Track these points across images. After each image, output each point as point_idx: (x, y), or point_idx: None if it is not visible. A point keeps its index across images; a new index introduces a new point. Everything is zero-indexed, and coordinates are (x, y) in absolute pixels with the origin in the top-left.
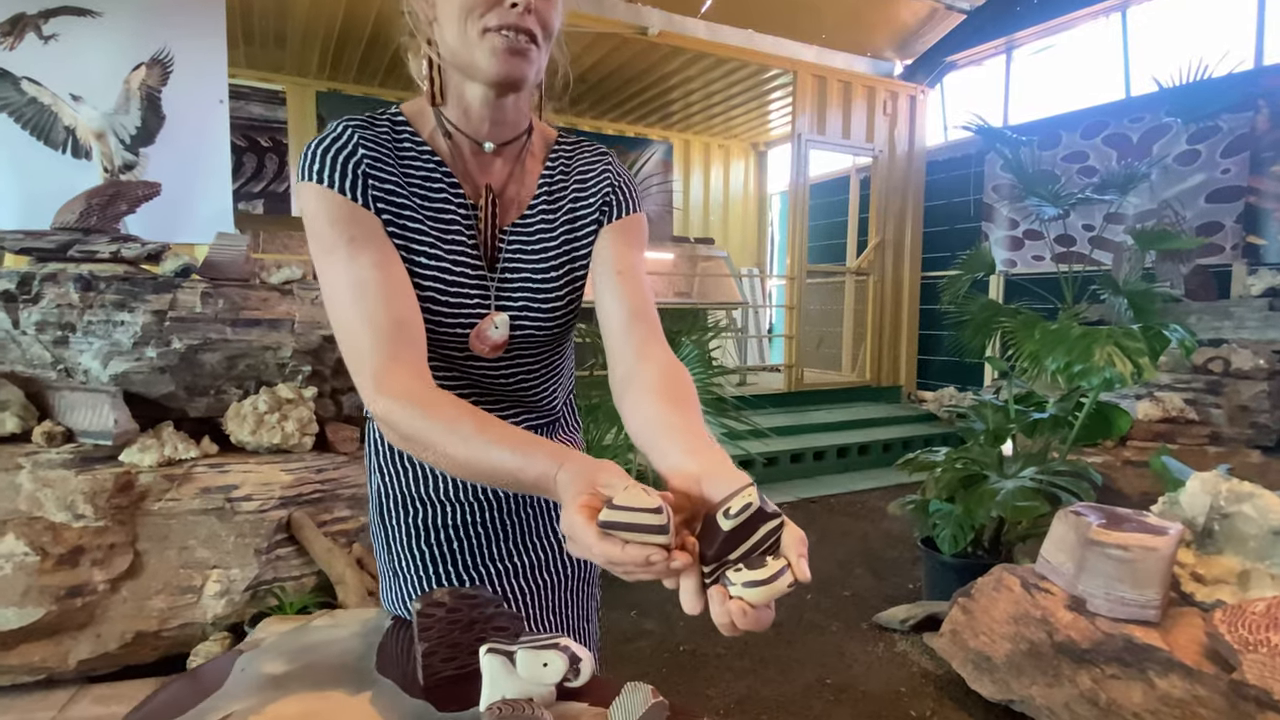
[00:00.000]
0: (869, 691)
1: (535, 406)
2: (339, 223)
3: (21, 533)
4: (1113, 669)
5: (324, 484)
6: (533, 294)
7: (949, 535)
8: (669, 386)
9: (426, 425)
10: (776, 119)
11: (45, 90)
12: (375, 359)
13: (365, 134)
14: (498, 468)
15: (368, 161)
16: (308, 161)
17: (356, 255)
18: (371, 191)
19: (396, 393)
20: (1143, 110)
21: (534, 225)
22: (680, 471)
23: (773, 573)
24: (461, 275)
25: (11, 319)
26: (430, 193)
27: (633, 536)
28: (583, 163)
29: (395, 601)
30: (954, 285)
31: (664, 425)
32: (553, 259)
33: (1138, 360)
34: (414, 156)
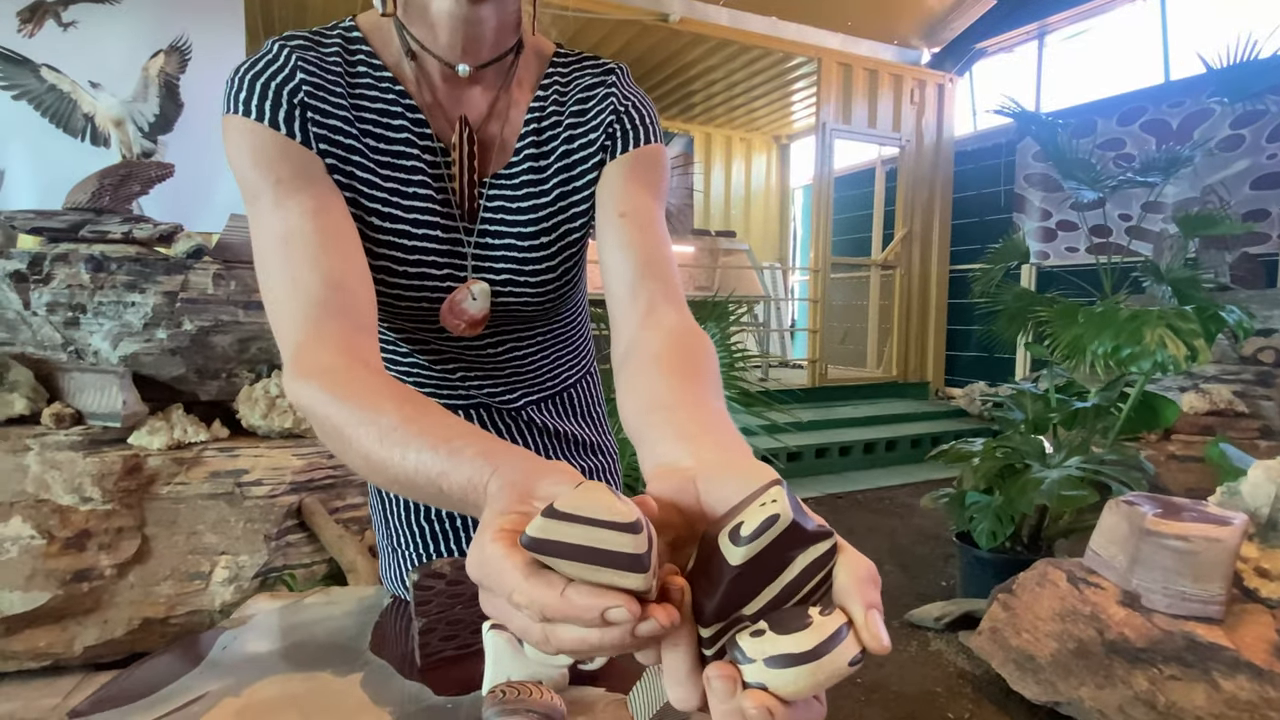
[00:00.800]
0: (902, 692)
1: (536, 381)
2: (267, 161)
3: (28, 515)
4: (1172, 669)
5: (336, 470)
6: (519, 263)
7: (987, 528)
8: (678, 356)
9: (335, 412)
10: (800, 110)
11: (64, 78)
12: (297, 333)
13: (307, 55)
14: (416, 473)
15: (307, 89)
16: (233, 89)
17: (284, 201)
18: (312, 127)
19: (312, 373)
20: (1183, 94)
21: (519, 173)
22: (667, 466)
23: (821, 638)
24: (425, 238)
25: (22, 299)
26: (389, 131)
27: (583, 571)
28: (581, 86)
29: (394, 580)
30: (986, 276)
31: (664, 404)
32: (544, 216)
33: (1192, 342)
34: (370, 84)
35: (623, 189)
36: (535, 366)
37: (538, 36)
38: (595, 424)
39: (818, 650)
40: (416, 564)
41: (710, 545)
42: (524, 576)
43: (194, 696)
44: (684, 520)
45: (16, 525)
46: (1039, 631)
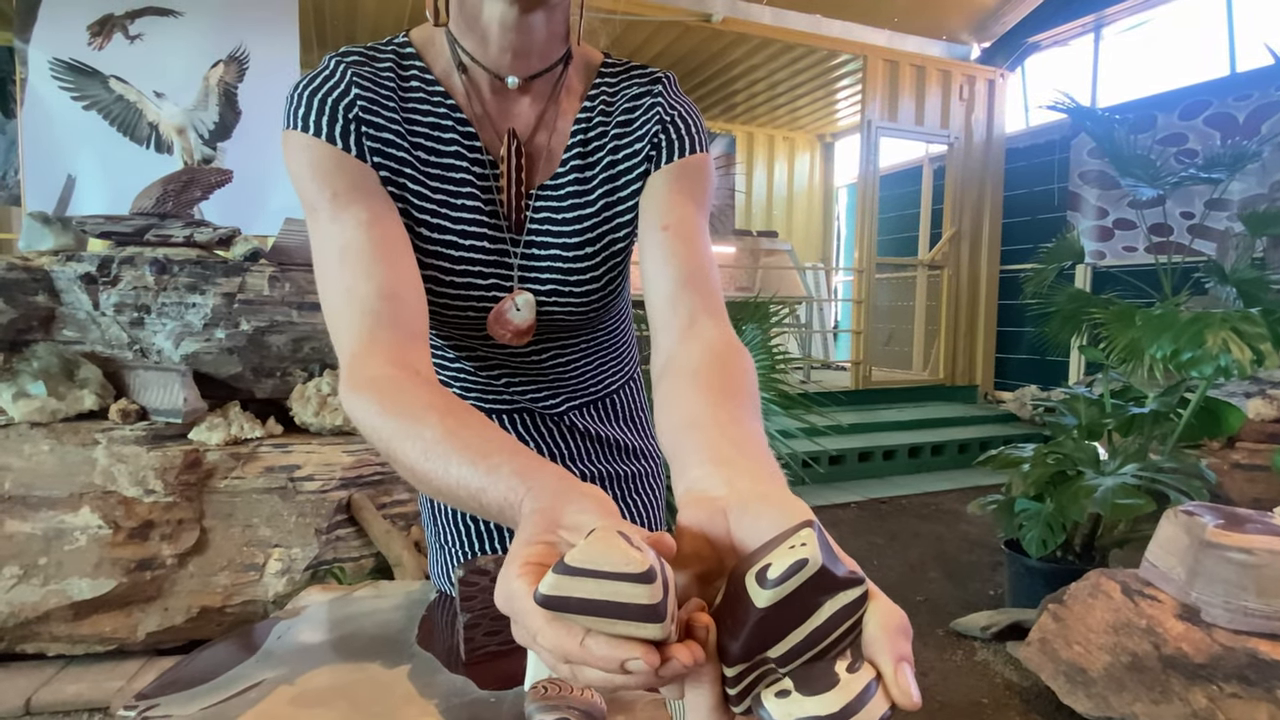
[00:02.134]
0: (947, 702)
1: (580, 387)
2: (323, 175)
3: (96, 506)
4: (1233, 687)
5: (384, 467)
6: (564, 273)
7: (1037, 536)
8: (716, 372)
9: (384, 425)
10: (844, 108)
11: (131, 88)
12: (352, 344)
13: (362, 71)
14: (458, 486)
15: (362, 104)
16: (292, 105)
17: (340, 214)
18: (366, 141)
19: (363, 384)
20: (1251, 87)
21: (565, 184)
22: (699, 495)
23: (848, 699)
24: (472, 249)
25: (92, 300)
26: (440, 145)
27: (599, 624)
28: (629, 97)
29: (441, 575)
30: (1038, 276)
31: (700, 424)
32: (589, 227)
33: (1258, 346)
34: (422, 99)
35: (667, 201)
36: (579, 372)
37: (585, 46)
38: (638, 428)
39: (845, 711)
40: (462, 560)
41: (738, 584)
42: (545, 622)
43: (251, 684)
44: (714, 553)
45: (85, 515)
46: (1091, 644)
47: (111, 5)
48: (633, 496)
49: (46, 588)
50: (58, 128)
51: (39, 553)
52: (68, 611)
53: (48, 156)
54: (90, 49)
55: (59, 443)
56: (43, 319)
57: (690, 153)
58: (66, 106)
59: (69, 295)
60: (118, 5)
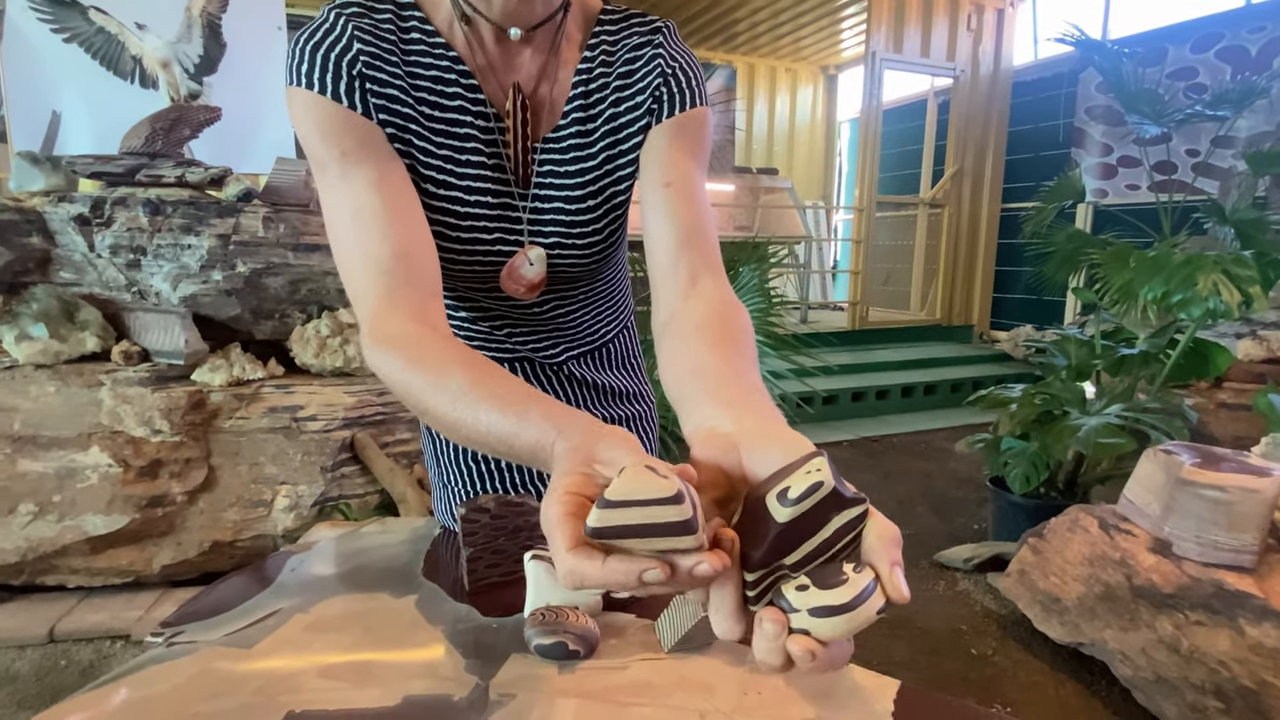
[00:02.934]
0: (928, 628)
1: (578, 337)
2: (331, 133)
3: (105, 445)
4: (1198, 615)
5: (385, 406)
6: (567, 226)
7: (1021, 474)
8: (718, 327)
9: (411, 379)
10: (849, 38)
11: (111, 19)
12: (371, 303)
13: (361, 24)
14: (488, 433)
15: (364, 59)
16: (294, 60)
17: (350, 173)
18: (371, 98)
19: (388, 342)
20: (1265, 18)
21: (567, 136)
22: (710, 431)
23: (855, 592)
24: (478, 204)
25: (87, 242)
26: (443, 99)
27: (644, 544)
28: (630, 47)
29: (445, 513)
30: (1038, 216)
31: (705, 373)
32: (590, 180)
33: (1247, 289)
34: (423, 51)
35: (668, 157)
36: (578, 322)
37: None
38: (632, 373)
39: (853, 603)
40: (465, 499)
41: (757, 504)
42: (567, 549)
43: (268, 612)
44: (727, 480)
45: (95, 454)
46: (1067, 575)
47: None
48: None
49: (62, 523)
50: (40, 63)
51: (52, 490)
52: (84, 546)
53: (32, 92)
54: None
55: (64, 384)
56: (39, 261)
57: (691, 106)
58: (47, 40)
59: (63, 237)
60: None
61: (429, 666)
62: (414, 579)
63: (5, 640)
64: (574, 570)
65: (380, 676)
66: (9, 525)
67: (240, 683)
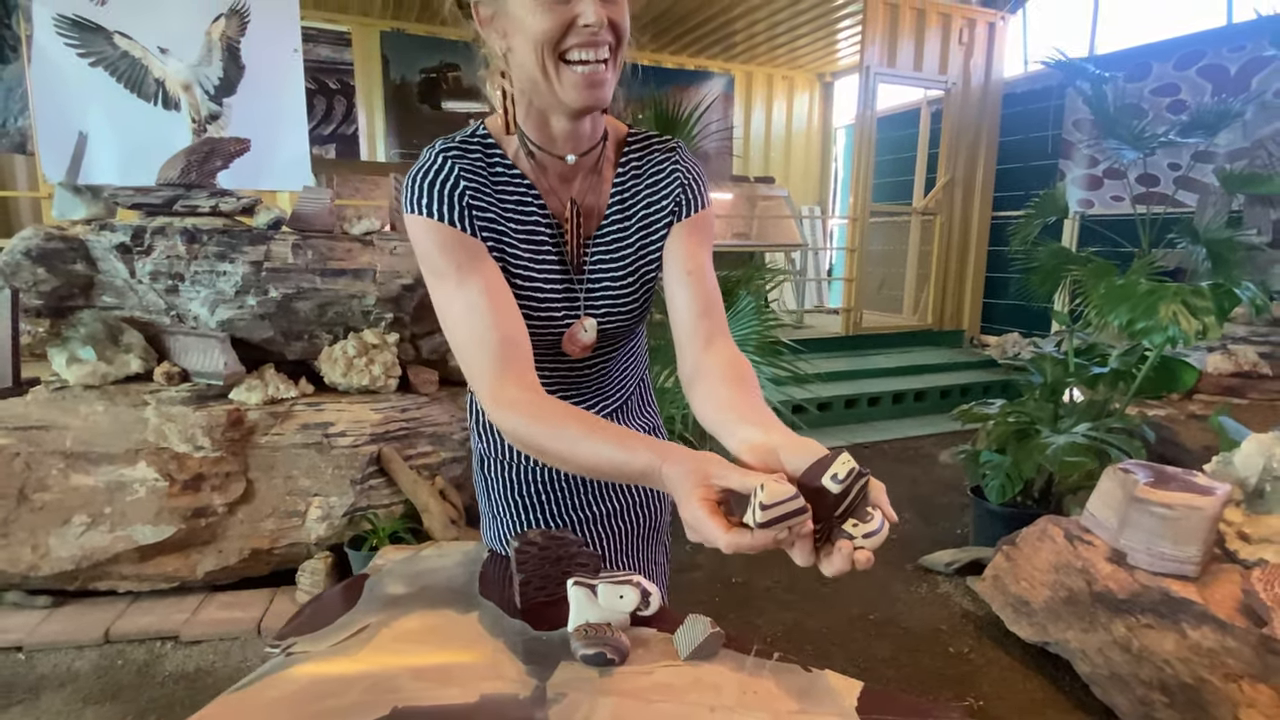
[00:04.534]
0: (910, 628)
1: (609, 393)
2: (448, 250)
3: (151, 461)
4: (1148, 619)
5: (408, 422)
6: (613, 299)
7: (997, 485)
8: (735, 376)
9: (538, 432)
10: (845, 48)
11: (135, 44)
12: (489, 378)
13: (463, 163)
14: (603, 463)
15: (470, 191)
16: (414, 194)
17: (465, 281)
18: (475, 219)
19: (508, 405)
20: (1245, 39)
21: (610, 234)
22: (756, 445)
23: (879, 523)
24: (551, 288)
25: (128, 268)
26: (522, 215)
27: (783, 524)
28: (654, 163)
29: (495, 539)
30: (1024, 229)
31: (735, 407)
32: (630, 263)
33: (1204, 319)
34: (506, 180)
35: (686, 248)
36: (612, 383)
37: (613, 123)
38: (649, 416)
39: (880, 528)
40: (513, 530)
41: (813, 485)
42: (724, 531)
43: (361, 626)
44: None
45: (143, 469)
46: (1035, 580)
47: None
48: None
49: (113, 533)
50: (66, 85)
51: (104, 503)
52: (134, 554)
53: (59, 115)
54: (92, 4)
55: (111, 403)
56: (82, 286)
57: (702, 208)
58: (73, 64)
59: (105, 264)
60: None
61: (496, 670)
62: (473, 598)
63: (65, 641)
64: (736, 544)
65: (458, 678)
66: (64, 535)
67: (351, 684)
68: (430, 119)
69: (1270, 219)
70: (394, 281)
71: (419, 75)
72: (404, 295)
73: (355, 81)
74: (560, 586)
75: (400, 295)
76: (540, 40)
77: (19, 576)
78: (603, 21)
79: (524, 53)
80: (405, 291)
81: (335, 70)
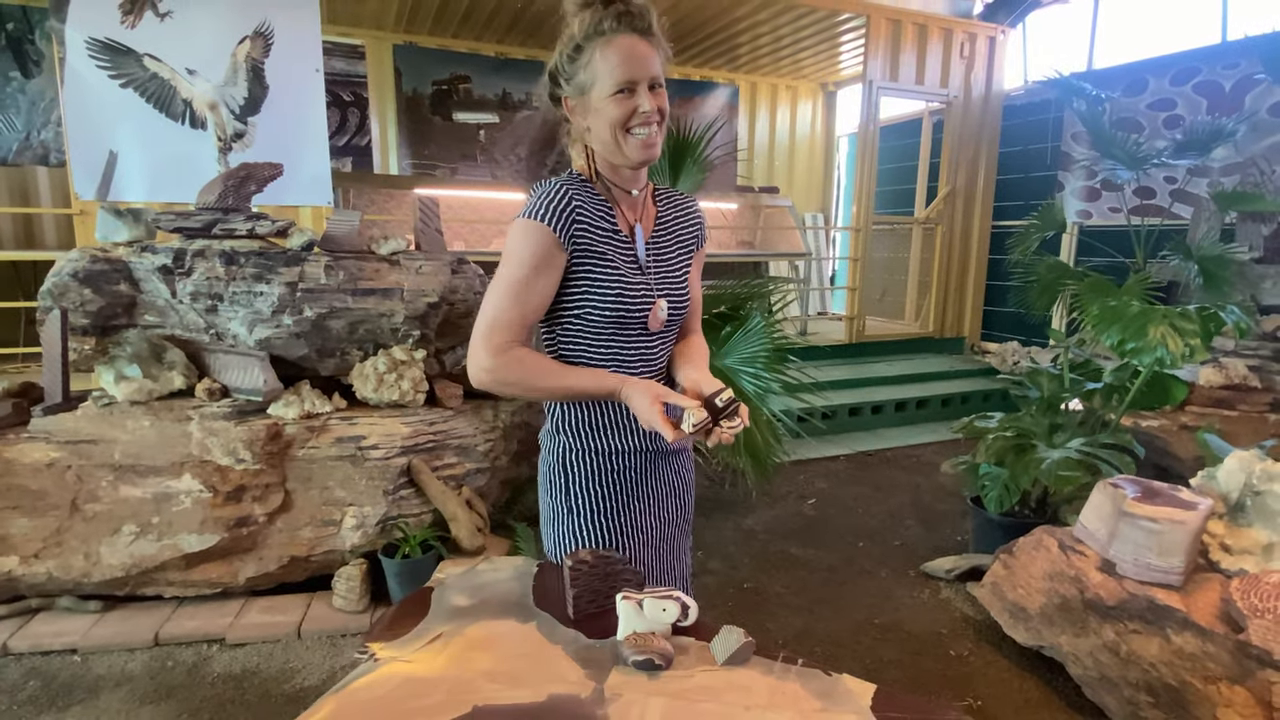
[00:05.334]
0: (913, 632)
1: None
2: (541, 253)
3: (196, 473)
4: (1135, 625)
5: (436, 435)
6: (670, 286)
7: (995, 496)
8: (696, 347)
9: (530, 369)
10: (848, 59)
11: (164, 65)
12: (493, 325)
13: (574, 189)
14: (586, 384)
15: (577, 209)
16: (537, 207)
17: (534, 281)
18: (574, 229)
19: (507, 351)
20: (1238, 56)
21: (660, 242)
22: (693, 380)
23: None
24: (632, 276)
25: (170, 289)
26: (608, 224)
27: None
28: (680, 206)
29: (554, 554)
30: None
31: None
32: (675, 262)
33: (1190, 341)
34: (596, 204)
35: (693, 273)
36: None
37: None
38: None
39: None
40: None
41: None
42: (670, 429)
43: (435, 635)
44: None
45: (188, 481)
46: (1031, 588)
47: None
48: None
49: (161, 542)
50: (98, 107)
51: (151, 513)
52: (180, 561)
53: (91, 134)
54: (123, 28)
55: (157, 419)
56: (126, 306)
57: (703, 245)
58: (105, 85)
59: (148, 284)
60: None
61: (558, 674)
62: (529, 609)
63: (118, 644)
64: (676, 435)
65: (526, 680)
66: (115, 544)
67: (434, 686)
68: (442, 129)
69: (1261, 235)
70: (420, 300)
71: (431, 87)
72: (429, 313)
73: (369, 93)
74: (608, 599)
75: (426, 313)
76: (614, 123)
77: (71, 583)
78: (653, 108)
79: (602, 129)
80: (430, 309)
81: (349, 83)
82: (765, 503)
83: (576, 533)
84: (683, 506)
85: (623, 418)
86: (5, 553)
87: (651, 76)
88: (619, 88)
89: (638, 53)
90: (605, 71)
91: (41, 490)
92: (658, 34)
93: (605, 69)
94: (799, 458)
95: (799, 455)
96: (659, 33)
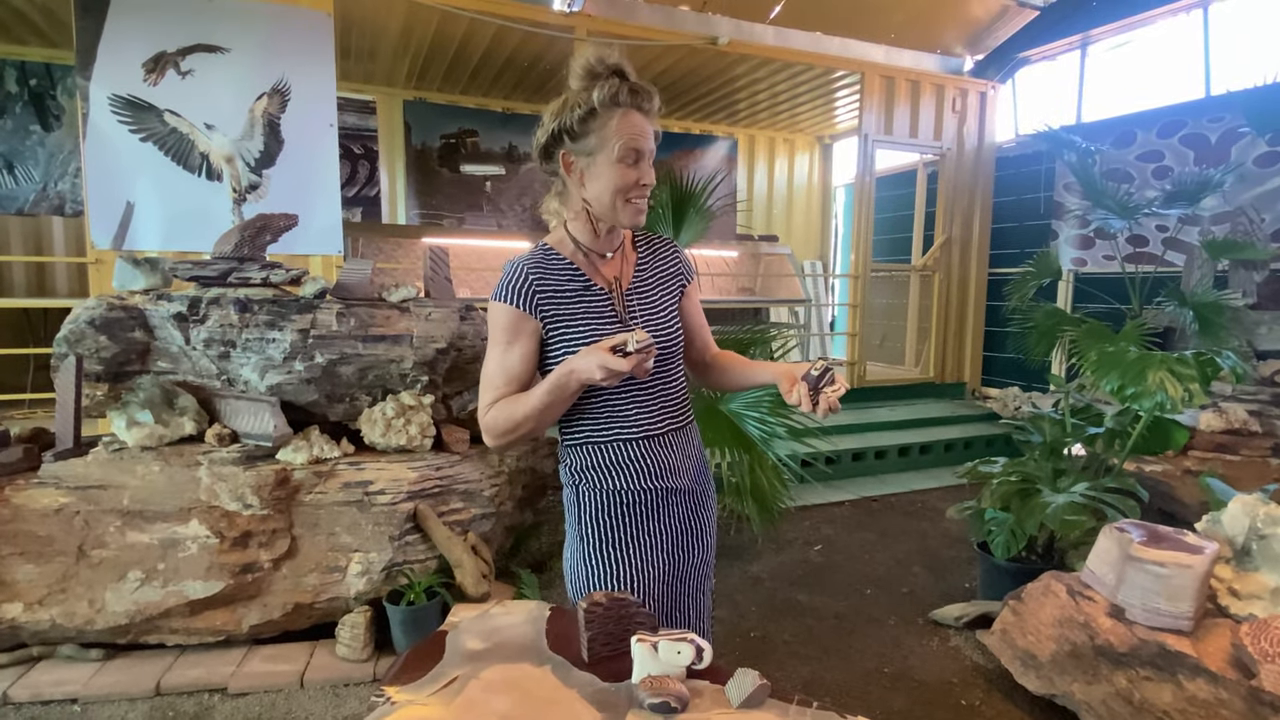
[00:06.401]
0: (923, 681)
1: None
2: (511, 327)
3: (203, 519)
4: (1146, 671)
5: (442, 480)
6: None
7: (1002, 542)
8: (735, 357)
9: (507, 410)
10: (843, 114)
11: (184, 120)
12: (488, 401)
13: (533, 266)
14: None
15: (535, 283)
16: (501, 289)
17: (510, 349)
18: (539, 298)
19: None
20: (1222, 110)
21: (641, 288)
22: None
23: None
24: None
25: (184, 336)
26: (581, 286)
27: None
28: (658, 251)
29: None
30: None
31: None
32: (659, 304)
33: (1189, 386)
34: (563, 270)
35: (693, 302)
36: (679, 399)
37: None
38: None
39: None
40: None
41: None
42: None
43: (451, 678)
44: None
45: (195, 527)
46: (1041, 634)
47: (164, 44)
48: None
49: (166, 589)
50: (118, 159)
51: (157, 559)
52: (185, 609)
53: (109, 185)
54: (145, 85)
55: (167, 464)
56: (140, 352)
57: (691, 280)
58: (125, 139)
59: (162, 331)
60: (169, 43)
61: (574, 717)
62: (544, 652)
63: (118, 694)
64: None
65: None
66: (120, 590)
67: None
68: (449, 181)
69: (1254, 281)
70: (429, 345)
71: (439, 141)
72: (438, 358)
73: (379, 146)
74: (622, 642)
75: (434, 358)
76: (617, 189)
77: (75, 630)
78: (652, 181)
79: (603, 192)
80: (439, 355)
81: (360, 136)
82: (771, 549)
83: (585, 560)
84: (702, 546)
85: (628, 459)
86: (9, 599)
87: (651, 151)
88: (627, 156)
89: (645, 129)
90: (617, 139)
91: (49, 536)
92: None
93: (617, 138)
94: (804, 503)
95: (804, 501)
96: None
